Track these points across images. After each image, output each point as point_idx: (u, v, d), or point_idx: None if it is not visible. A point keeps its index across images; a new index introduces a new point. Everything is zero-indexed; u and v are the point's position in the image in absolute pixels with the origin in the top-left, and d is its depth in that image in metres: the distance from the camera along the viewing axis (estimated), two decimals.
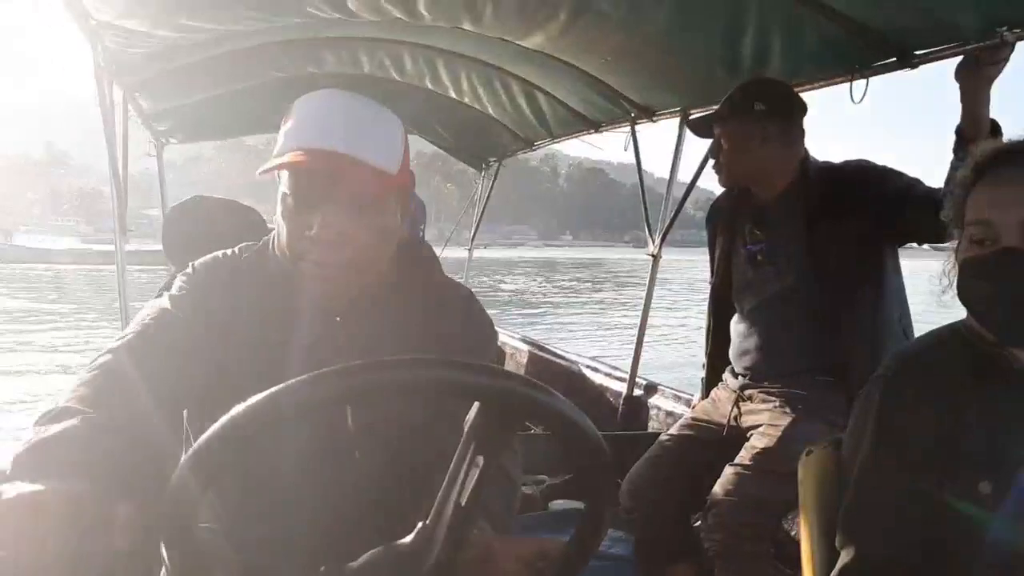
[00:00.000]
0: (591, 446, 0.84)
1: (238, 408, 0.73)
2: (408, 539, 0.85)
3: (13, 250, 41.33)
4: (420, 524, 0.85)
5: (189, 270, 1.29)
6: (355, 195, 1.17)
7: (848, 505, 1.28)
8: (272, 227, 1.30)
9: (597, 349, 13.06)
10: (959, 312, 1.32)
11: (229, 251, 1.32)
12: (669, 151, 3.49)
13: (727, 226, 2.63)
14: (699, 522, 2.36)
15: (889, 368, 1.31)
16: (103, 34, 2.60)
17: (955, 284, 1.26)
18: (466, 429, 0.82)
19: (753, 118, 2.38)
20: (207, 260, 1.30)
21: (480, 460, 0.82)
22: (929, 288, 1.36)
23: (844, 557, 1.26)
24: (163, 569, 1.27)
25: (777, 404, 2.34)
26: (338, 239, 1.17)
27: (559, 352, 4.83)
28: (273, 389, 0.73)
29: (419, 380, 0.76)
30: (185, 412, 1.21)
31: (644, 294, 3.74)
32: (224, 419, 0.74)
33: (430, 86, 4.17)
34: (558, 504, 3.13)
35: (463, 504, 0.81)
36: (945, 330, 1.35)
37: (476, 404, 0.81)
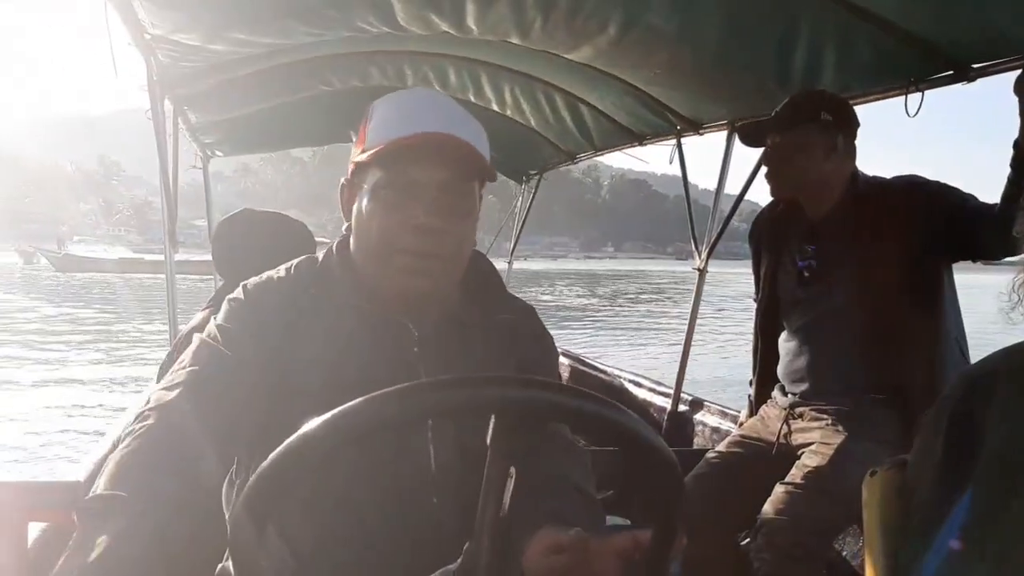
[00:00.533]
0: (659, 458, 0.83)
1: (291, 438, 0.72)
2: (457, 562, 0.84)
3: (68, 259, 42.27)
4: (465, 545, 0.84)
5: (240, 295, 1.24)
6: (462, 174, 1.17)
7: (917, 524, 1.24)
8: (321, 240, 1.30)
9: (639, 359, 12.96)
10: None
11: (283, 271, 1.28)
12: (714, 163, 3.45)
13: (773, 241, 2.60)
14: (747, 540, 2.32)
15: (957, 388, 1.27)
16: (157, 48, 2.64)
17: None
18: (490, 440, 0.79)
19: (819, 128, 2.33)
20: (259, 283, 1.26)
21: (512, 471, 0.80)
22: (998, 305, 1.31)
23: None
24: None
25: (829, 423, 2.29)
26: (443, 226, 1.16)
27: (600, 366, 4.80)
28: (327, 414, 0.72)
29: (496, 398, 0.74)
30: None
31: (690, 306, 3.70)
32: (282, 446, 0.73)
33: (473, 99, 4.18)
34: (613, 520, 3.10)
35: (501, 515, 0.79)
36: (1015, 348, 1.30)
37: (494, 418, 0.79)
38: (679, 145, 3.69)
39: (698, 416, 3.48)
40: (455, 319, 1.26)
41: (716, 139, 3.45)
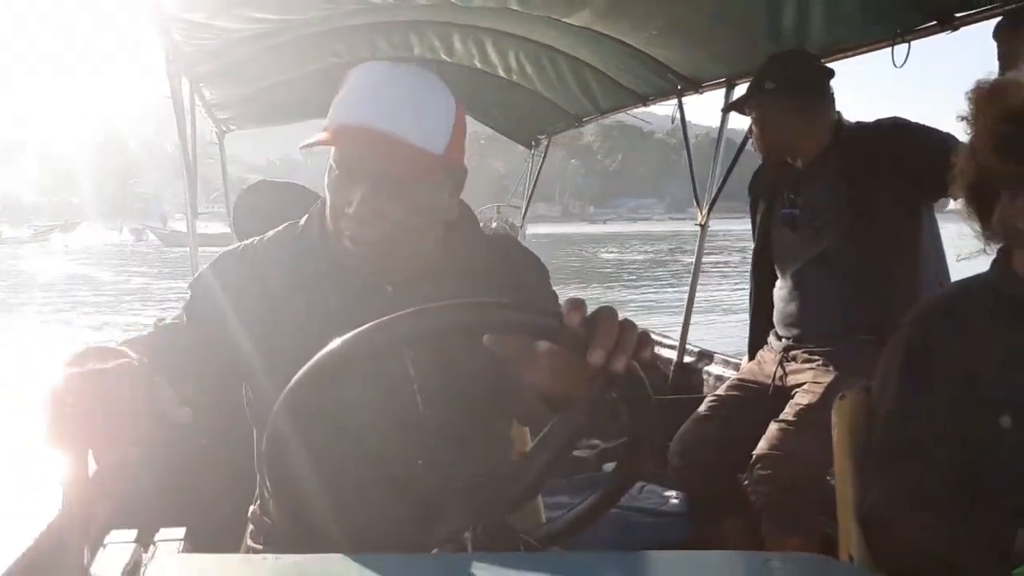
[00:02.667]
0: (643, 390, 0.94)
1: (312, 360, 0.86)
2: (505, 470, 0.95)
3: (173, 235, 43.48)
4: (519, 456, 0.95)
5: (212, 268, 1.32)
6: (393, 174, 1.16)
7: (877, 444, 1.37)
8: None
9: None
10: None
11: (264, 238, 1.35)
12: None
13: (767, 193, 2.72)
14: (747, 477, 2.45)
15: (914, 316, 1.39)
16: (172, 27, 2.76)
17: None
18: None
19: (767, 97, 2.53)
20: (235, 253, 1.34)
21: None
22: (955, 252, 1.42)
23: (874, 493, 1.35)
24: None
25: (820, 363, 2.41)
26: (373, 217, 1.17)
27: None
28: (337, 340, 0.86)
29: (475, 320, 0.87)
30: (245, 388, 1.30)
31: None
32: (307, 365, 0.87)
33: (479, 66, 4.27)
34: (611, 466, 3.25)
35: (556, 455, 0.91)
36: (971, 280, 1.42)
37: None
38: (680, 104, 3.78)
39: (702, 365, 3.61)
40: (431, 272, 1.29)
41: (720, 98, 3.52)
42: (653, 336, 0.98)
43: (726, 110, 3.07)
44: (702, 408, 2.63)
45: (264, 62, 3.80)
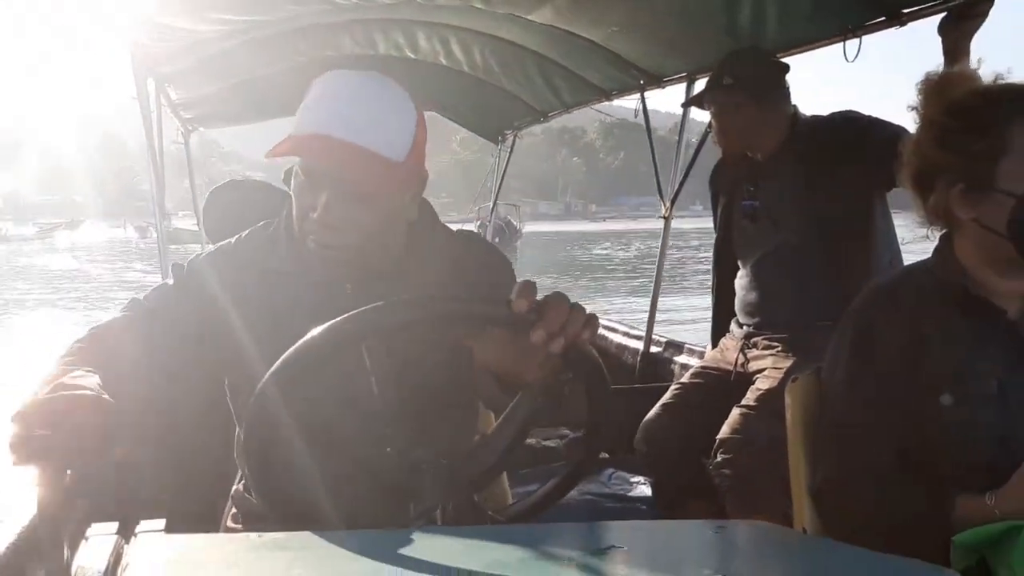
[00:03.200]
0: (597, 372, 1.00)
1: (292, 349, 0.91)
2: (469, 448, 1.01)
3: (177, 232, 43.48)
4: (477, 437, 1.00)
5: (184, 271, 1.37)
6: (356, 183, 1.21)
7: (826, 422, 1.44)
8: None
9: None
10: None
11: (232, 241, 1.41)
12: None
13: (727, 187, 2.79)
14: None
15: (860, 301, 1.47)
16: (137, 29, 2.78)
17: (1009, 210, 1.31)
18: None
19: (723, 92, 2.60)
20: (206, 257, 1.40)
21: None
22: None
23: (823, 470, 1.43)
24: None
25: (780, 349, 2.49)
26: (339, 224, 1.22)
27: None
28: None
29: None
30: (227, 381, 1.36)
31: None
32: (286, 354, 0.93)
33: (444, 63, 4.31)
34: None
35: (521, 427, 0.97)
36: (915, 265, 1.50)
37: None
38: (643, 99, 3.85)
39: (668, 355, 3.70)
40: (393, 270, 1.33)
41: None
42: (622, 328, 1.04)
43: (686, 105, 3.16)
44: (667, 396, 2.71)
45: (230, 61, 3.81)
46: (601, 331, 4.39)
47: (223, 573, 0.62)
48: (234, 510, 1.44)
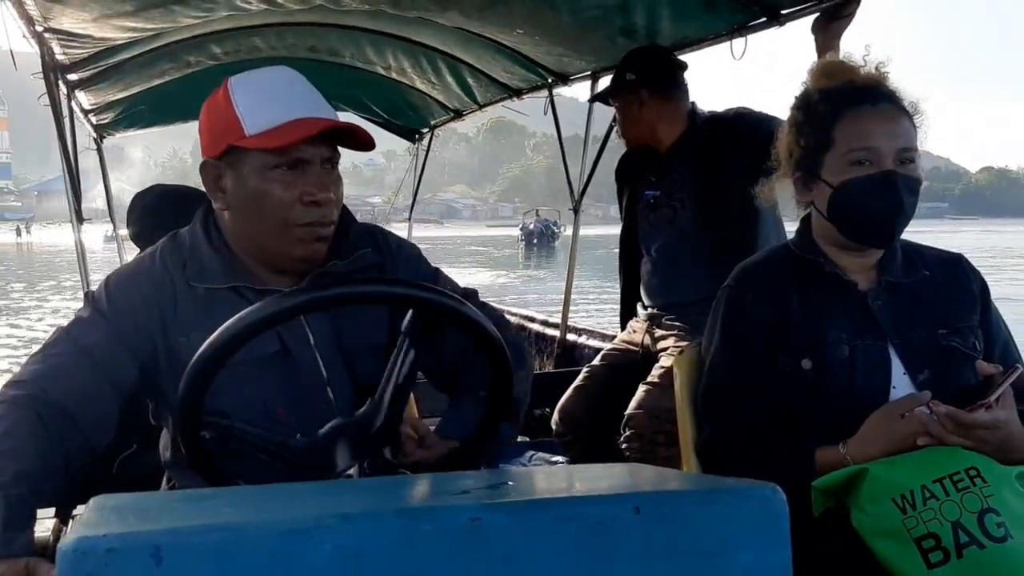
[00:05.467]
0: (493, 343, 1.13)
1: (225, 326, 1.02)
2: (361, 410, 1.13)
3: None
4: (369, 399, 1.12)
5: (103, 292, 1.37)
6: (335, 159, 1.33)
7: (705, 388, 1.61)
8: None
9: None
10: None
11: (147, 259, 1.42)
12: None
13: (631, 178, 2.97)
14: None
15: (732, 279, 1.64)
16: (50, 38, 2.80)
17: (827, 198, 1.50)
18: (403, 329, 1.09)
19: (628, 88, 2.75)
20: (125, 276, 1.40)
21: (412, 353, 1.10)
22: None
23: (706, 429, 1.60)
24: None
25: (681, 328, 2.68)
26: (330, 196, 1.31)
27: (498, 307, 5.15)
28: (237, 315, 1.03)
29: (359, 293, 1.05)
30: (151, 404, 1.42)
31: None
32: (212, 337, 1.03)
33: (360, 65, 4.40)
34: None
35: (400, 383, 1.09)
36: (777, 247, 1.69)
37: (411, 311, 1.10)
38: (551, 96, 4.02)
39: (582, 340, 3.89)
40: (324, 272, 1.38)
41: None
42: (540, 318, 1.16)
43: (592, 100, 3.32)
44: (579, 378, 2.87)
45: (143, 68, 3.84)
46: (520, 320, 4.56)
47: (159, 517, 0.73)
48: (166, 473, 1.52)
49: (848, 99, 1.50)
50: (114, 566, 0.62)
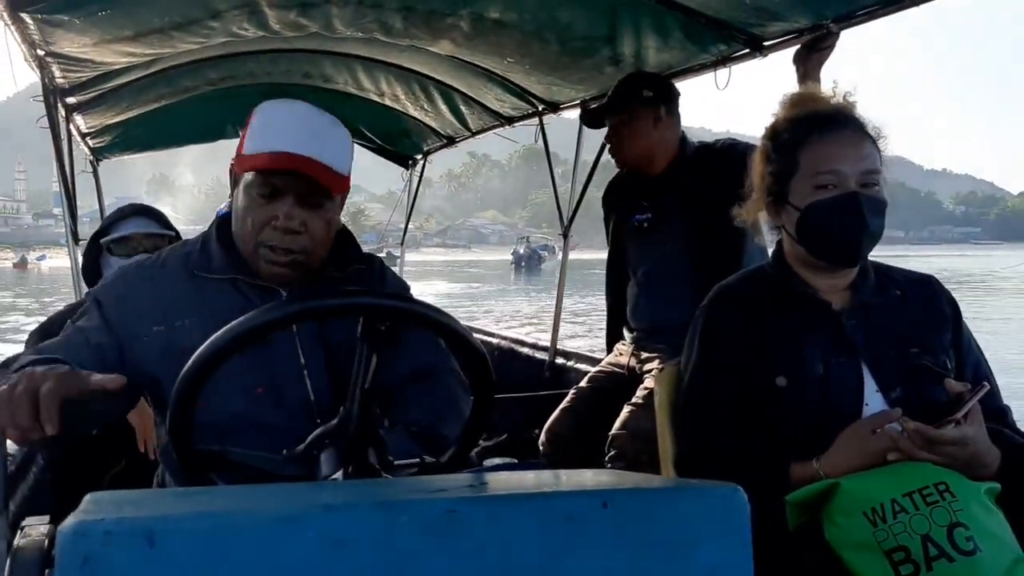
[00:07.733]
0: (462, 340, 1.17)
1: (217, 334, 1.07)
2: (335, 420, 1.17)
3: None
4: (341, 407, 1.16)
5: (118, 281, 1.53)
6: (315, 193, 1.42)
7: (684, 405, 1.66)
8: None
9: None
10: None
11: (155, 256, 1.57)
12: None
13: (619, 203, 3.02)
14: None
15: (709, 300, 1.70)
16: (50, 62, 2.87)
17: (795, 221, 1.57)
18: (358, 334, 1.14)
19: (643, 104, 2.77)
20: (137, 270, 1.54)
21: (374, 358, 1.14)
22: None
23: (684, 444, 1.64)
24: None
25: (666, 349, 2.72)
26: (299, 228, 1.42)
27: (489, 331, 5.20)
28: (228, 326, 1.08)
29: (323, 307, 1.10)
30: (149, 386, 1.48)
31: None
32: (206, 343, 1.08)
33: (353, 91, 4.47)
34: (493, 461, 3.49)
35: (367, 387, 1.13)
36: (754, 268, 1.74)
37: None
38: (541, 124, 4.10)
39: (571, 363, 3.93)
40: (321, 279, 1.53)
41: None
42: (530, 341, 1.20)
43: (585, 122, 3.31)
44: (566, 400, 2.92)
45: (140, 92, 3.90)
46: (510, 344, 4.60)
47: (152, 507, 0.77)
48: (158, 473, 1.59)
49: (812, 126, 1.57)
50: (111, 547, 0.67)
